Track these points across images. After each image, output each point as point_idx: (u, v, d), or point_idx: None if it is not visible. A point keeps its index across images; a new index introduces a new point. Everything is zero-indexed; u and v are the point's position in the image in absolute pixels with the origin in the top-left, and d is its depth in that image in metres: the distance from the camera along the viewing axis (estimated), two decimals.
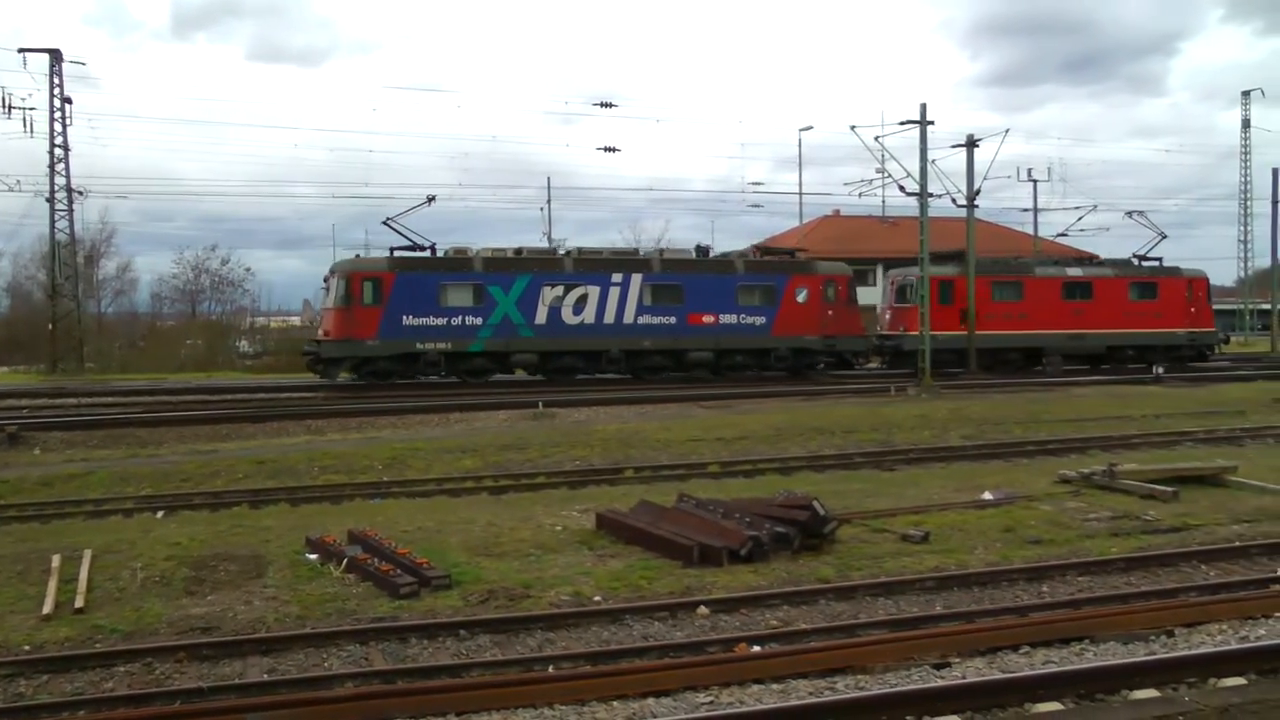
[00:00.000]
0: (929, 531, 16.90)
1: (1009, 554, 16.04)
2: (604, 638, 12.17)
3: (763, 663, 10.51)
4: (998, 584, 14.52)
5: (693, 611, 12.99)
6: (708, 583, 14.16)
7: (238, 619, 12.68)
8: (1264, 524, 18.48)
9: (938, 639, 11.24)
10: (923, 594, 14.04)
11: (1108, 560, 15.64)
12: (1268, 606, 12.61)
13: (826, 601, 13.59)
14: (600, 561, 15.38)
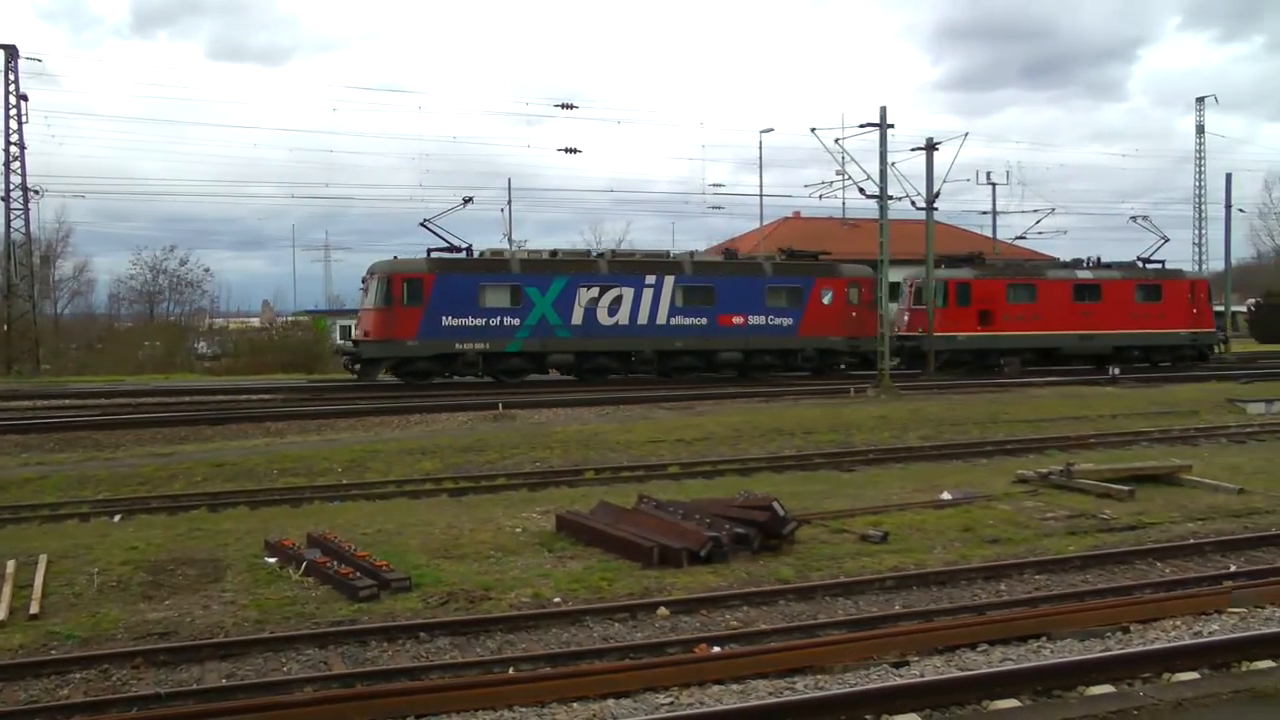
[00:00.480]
0: (888, 531, 16.98)
1: (967, 553, 16.16)
2: (564, 639, 12.18)
3: (723, 663, 10.54)
4: (956, 583, 14.62)
5: (653, 612, 13.01)
6: (667, 584, 14.19)
7: (196, 623, 12.61)
8: (1217, 521, 18.72)
9: (897, 638, 11.30)
10: (882, 593, 14.12)
11: (1065, 558, 15.79)
12: (1221, 602, 12.78)
13: (786, 602, 13.64)
14: (560, 563, 15.38)
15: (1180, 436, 30.06)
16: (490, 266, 43.20)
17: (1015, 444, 27.94)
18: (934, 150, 47.84)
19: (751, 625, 12.63)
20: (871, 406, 34.07)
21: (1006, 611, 12.84)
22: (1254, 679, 9.25)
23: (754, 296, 45.56)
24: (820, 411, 32.65)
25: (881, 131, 42.83)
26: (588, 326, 43.09)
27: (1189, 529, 18.20)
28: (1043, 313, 49.15)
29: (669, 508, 17.09)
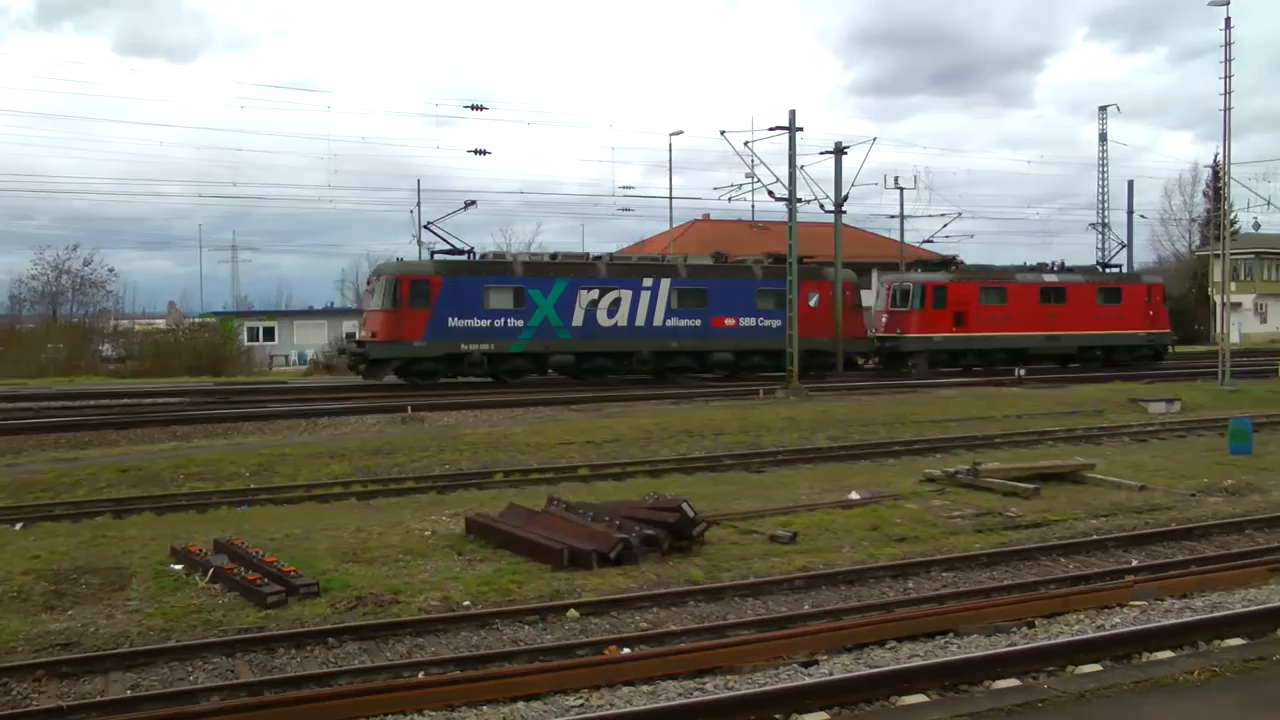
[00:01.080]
0: (797, 532, 17.11)
1: (875, 552, 16.32)
2: (473, 642, 12.17)
3: (633, 664, 10.58)
4: (864, 582, 14.79)
5: (562, 615, 13.04)
6: (577, 586, 14.21)
7: (99, 634, 12.43)
8: (1120, 518, 19.10)
9: (805, 637, 11.40)
10: (791, 593, 14.24)
11: (971, 556, 16.03)
12: (1123, 596, 13.06)
13: (696, 603, 13.72)
14: (469, 566, 15.35)
15: (1084, 436, 30.53)
16: (494, 269, 43.86)
17: (923, 444, 28.25)
18: (843, 154, 48.20)
19: (661, 626, 12.68)
20: (780, 408, 34.24)
21: (914, 609, 13.00)
22: (1154, 669, 9.46)
23: (745, 299, 46.73)
24: (730, 413, 32.77)
25: (791, 135, 43.07)
26: (588, 328, 43.92)
27: (1092, 525, 18.55)
28: (1013, 314, 51.04)
29: (579, 510, 17.12)
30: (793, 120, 43.06)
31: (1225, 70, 41.85)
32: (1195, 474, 23.55)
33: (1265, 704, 7.99)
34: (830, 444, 28.48)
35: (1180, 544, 17.39)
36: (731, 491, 21.24)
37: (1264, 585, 13.84)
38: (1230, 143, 43.56)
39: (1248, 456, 26.23)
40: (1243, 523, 18.77)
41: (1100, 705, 8.14)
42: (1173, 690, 8.51)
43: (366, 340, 42.39)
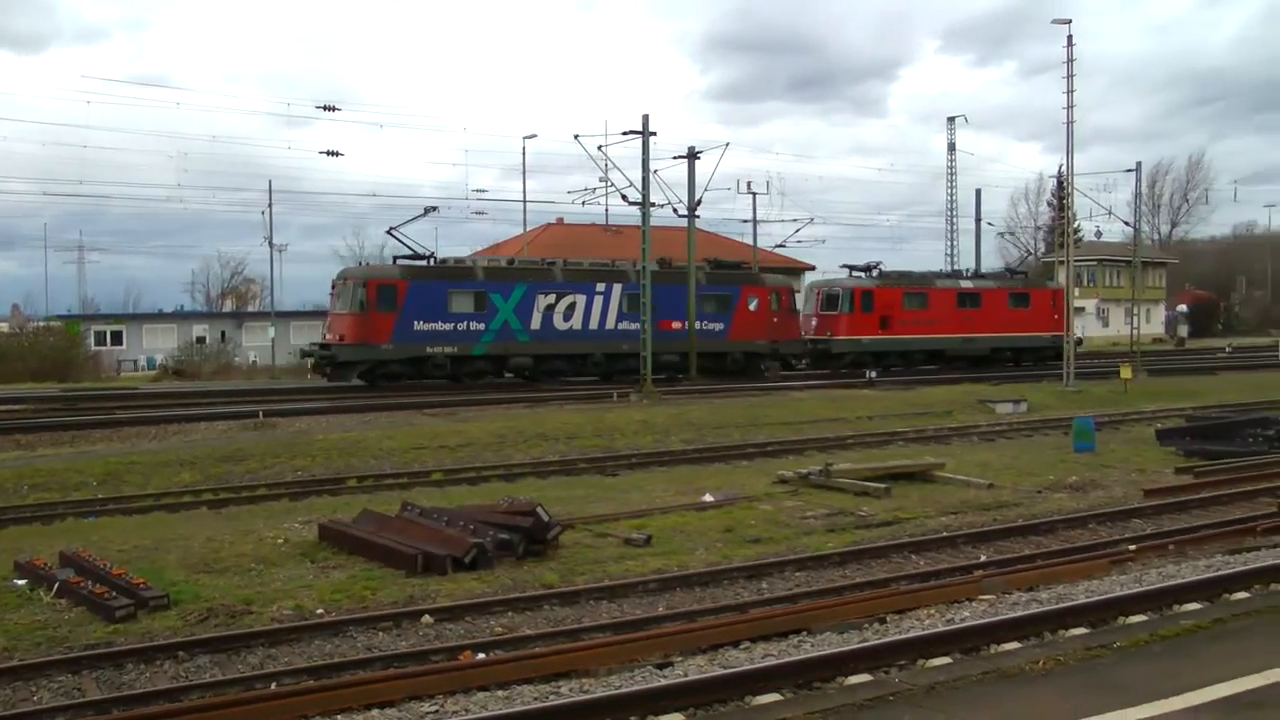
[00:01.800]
0: (651, 534, 17.19)
1: (729, 553, 16.44)
2: (327, 651, 12.03)
3: (487, 669, 10.56)
4: (719, 583, 14.89)
5: (417, 621, 12.95)
6: (432, 591, 14.13)
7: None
8: (969, 515, 19.53)
9: (660, 639, 11.45)
10: (646, 596, 14.29)
11: (824, 555, 16.23)
12: (972, 590, 13.34)
13: (551, 606, 13.71)
14: (323, 573, 15.18)
15: (934, 436, 31.12)
16: (457, 274, 44.86)
17: (776, 446, 28.54)
18: (696, 159, 48.44)
19: (516, 631, 12.64)
20: (634, 411, 34.36)
21: (768, 609, 13.12)
22: (1001, 660, 9.66)
23: (685, 303, 47.45)
24: (584, 417, 32.79)
25: (644, 139, 43.16)
26: (545, 331, 45.12)
27: (942, 523, 18.94)
28: (933, 318, 53.83)
29: (433, 515, 17.02)
30: (646, 125, 43.18)
31: (1068, 85, 43.92)
32: (1041, 472, 24.16)
33: (1106, 689, 8.21)
34: (684, 447, 28.64)
35: (1027, 539, 17.81)
36: (586, 495, 21.28)
37: (1106, 576, 14.24)
38: (1073, 154, 45.42)
39: (1091, 454, 26.96)
40: (1086, 517, 19.31)
41: (949, 696, 8.29)
42: (1018, 679, 8.71)
43: (334, 343, 42.81)
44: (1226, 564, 14.58)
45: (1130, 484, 23.03)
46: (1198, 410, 35.81)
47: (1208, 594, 12.53)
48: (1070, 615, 11.53)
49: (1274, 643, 9.62)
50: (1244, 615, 10.91)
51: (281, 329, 71.33)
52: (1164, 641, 9.86)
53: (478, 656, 11.36)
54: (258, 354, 71.84)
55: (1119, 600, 12.17)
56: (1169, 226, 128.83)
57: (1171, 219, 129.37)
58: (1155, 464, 26.03)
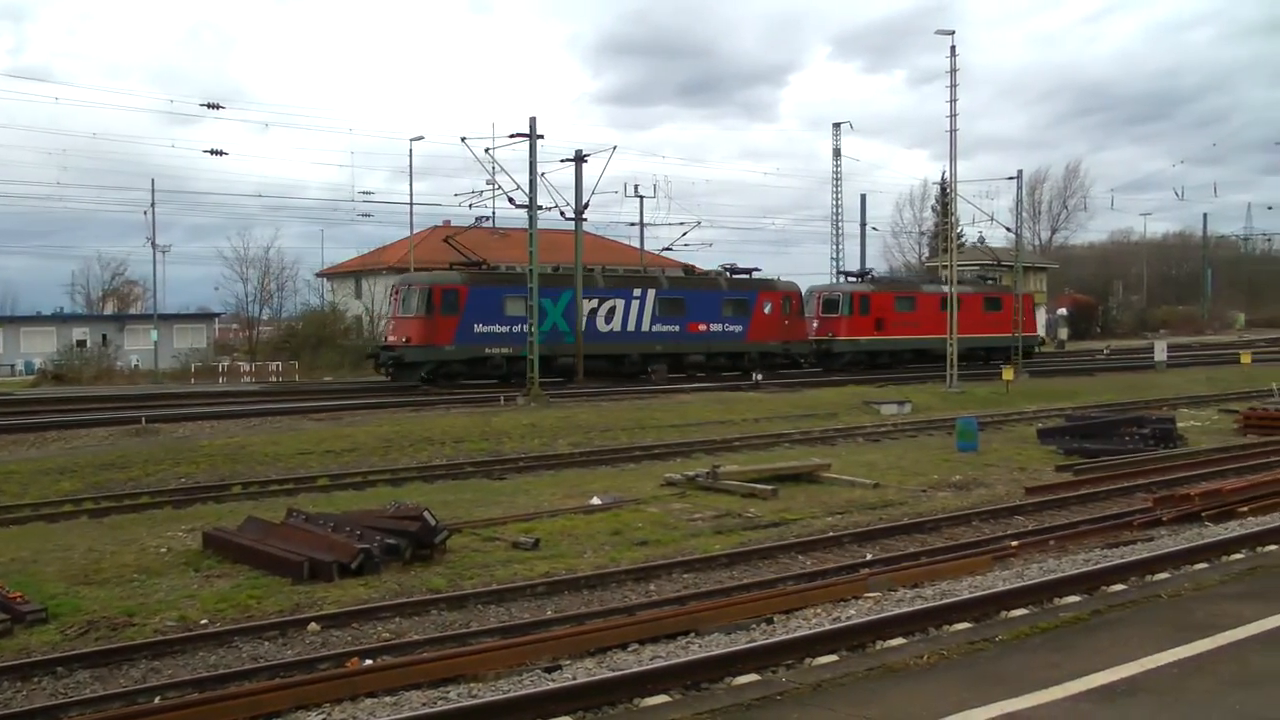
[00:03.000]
0: (539, 538, 17.19)
1: (617, 556, 16.49)
2: (211, 662, 11.87)
3: (375, 676, 10.48)
4: (607, 585, 14.94)
5: (303, 628, 12.83)
6: (318, 598, 14.02)
7: None
8: (854, 515, 19.76)
9: (548, 642, 11.45)
10: (534, 599, 14.28)
11: (712, 557, 16.33)
12: (858, 589, 13.49)
13: (439, 611, 13.66)
14: (207, 583, 14.98)
15: (820, 437, 31.39)
16: (511, 279, 47.10)
17: (663, 448, 28.63)
18: (583, 162, 48.44)
19: (404, 636, 12.58)
20: (521, 415, 34.25)
21: (656, 611, 13.17)
22: (887, 655, 9.79)
23: (713, 307, 51.70)
24: (471, 420, 32.65)
25: (531, 142, 43.03)
26: (589, 333, 47.74)
27: (828, 523, 19.14)
28: (920, 320, 56.85)
29: (319, 520, 16.87)
30: (533, 128, 43.06)
31: (951, 94, 45.29)
32: (925, 471, 24.51)
33: (988, 681, 8.34)
34: (572, 450, 28.62)
35: (912, 537, 18.08)
36: (474, 499, 21.21)
37: (988, 572, 14.52)
38: (956, 161, 46.69)
39: (974, 453, 27.41)
40: (969, 515, 19.65)
41: (835, 693, 8.38)
42: (903, 675, 8.82)
43: (400, 345, 45.06)
44: (1104, 558, 14.92)
45: (1012, 482, 23.48)
46: (1077, 410, 36.52)
47: (1086, 587, 12.82)
48: (954, 611, 11.73)
49: (1149, 632, 9.84)
50: (1120, 606, 11.16)
51: (164, 332, 70.28)
52: (1044, 634, 10.05)
53: (365, 663, 11.27)
54: (140, 358, 70.64)
55: (1001, 595, 12.41)
56: (1049, 232, 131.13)
57: (1052, 225, 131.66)
58: (1036, 462, 26.55)
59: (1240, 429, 32.93)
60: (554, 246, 53.65)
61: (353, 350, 64.49)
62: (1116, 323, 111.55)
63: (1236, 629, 9.83)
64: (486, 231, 71.63)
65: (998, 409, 38.86)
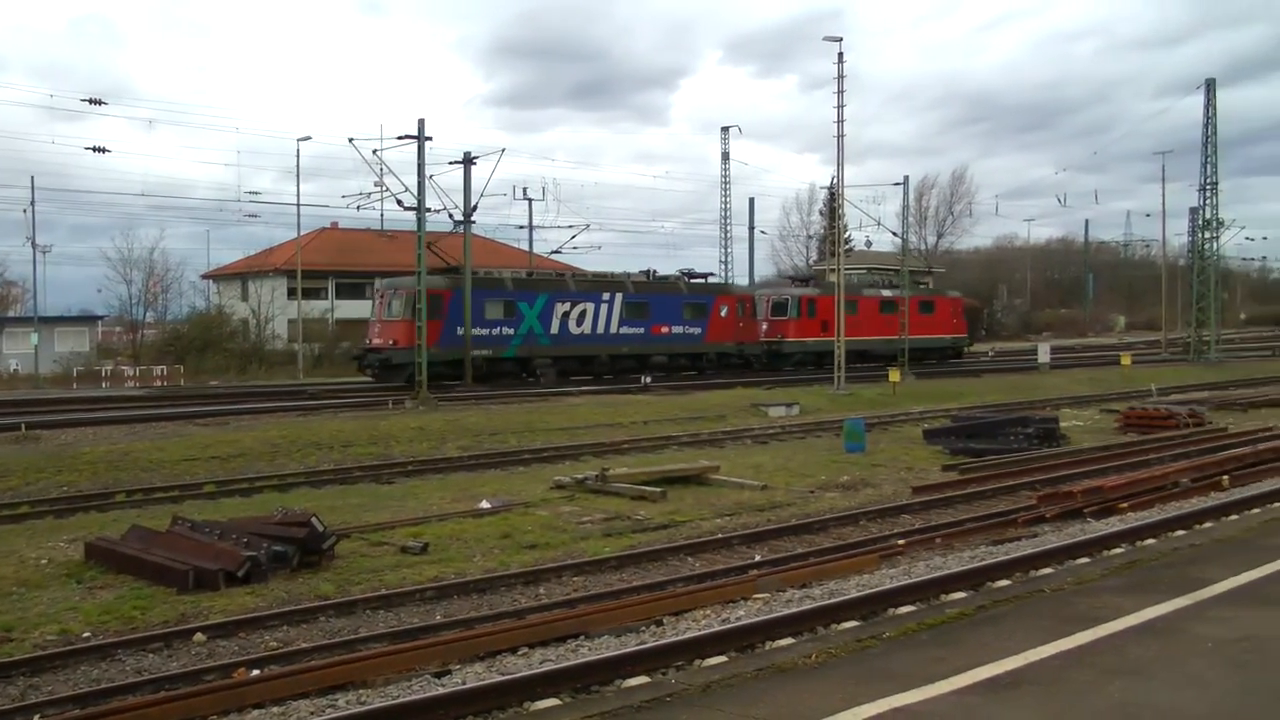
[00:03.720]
0: (428, 542, 17.11)
1: (507, 560, 16.45)
2: (94, 676, 11.58)
3: (262, 686, 10.33)
4: (496, 589, 14.89)
5: (189, 639, 12.62)
6: (204, 608, 13.80)
7: None
8: (743, 516, 19.86)
9: (438, 647, 11.37)
10: (423, 604, 14.20)
11: (601, 559, 16.35)
12: (747, 590, 13.57)
13: (327, 618, 13.51)
14: (90, 594, 14.69)
15: (709, 439, 31.52)
16: (491, 284, 49.25)
17: (552, 451, 28.60)
18: (472, 164, 48.30)
19: (292, 645, 12.43)
20: (410, 418, 34.05)
21: (546, 614, 13.14)
22: (775, 655, 9.85)
23: (675, 310, 54.68)
24: (359, 424, 32.40)
25: (419, 144, 42.80)
26: (562, 335, 50.45)
27: (717, 524, 19.22)
28: (862, 322, 59.63)
29: (205, 528, 16.62)
30: (421, 129, 42.84)
31: (839, 100, 46.23)
32: (813, 472, 24.73)
33: (876, 678, 8.43)
34: (461, 453, 28.51)
35: (800, 537, 18.22)
36: (362, 503, 21.06)
37: (876, 571, 14.69)
38: (844, 166, 47.46)
39: (861, 454, 27.71)
40: (857, 515, 19.86)
41: (724, 694, 8.41)
42: (792, 674, 8.88)
43: (387, 348, 46.36)
44: (990, 554, 15.19)
45: (899, 482, 23.76)
46: (963, 410, 37.10)
47: (972, 583, 13.03)
48: (842, 609, 11.85)
49: (1032, 625, 10.01)
50: (1005, 601, 11.34)
51: (45, 335, 68.60)
52: (931, 630, 10.17)
53: (252, 673, 11.11)
54: (20, 362, 68.97)
55: (889, 593, 12.56)
56: (935, 237, 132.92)
57: (938, 230, 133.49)
58: (923, 462, 26.90)
59: (1121, 428, 33.70)
60: (443, 249, 53.48)
61: (239, 354, 63.75)
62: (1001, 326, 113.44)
63: (1116, 620, 10.05)
64: (375, 233, 71.30)
65: (885, 410, 39.32)
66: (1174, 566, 12.72)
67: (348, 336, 67.86)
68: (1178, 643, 9.41)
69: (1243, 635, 9.55)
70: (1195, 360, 67.91)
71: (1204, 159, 67.25)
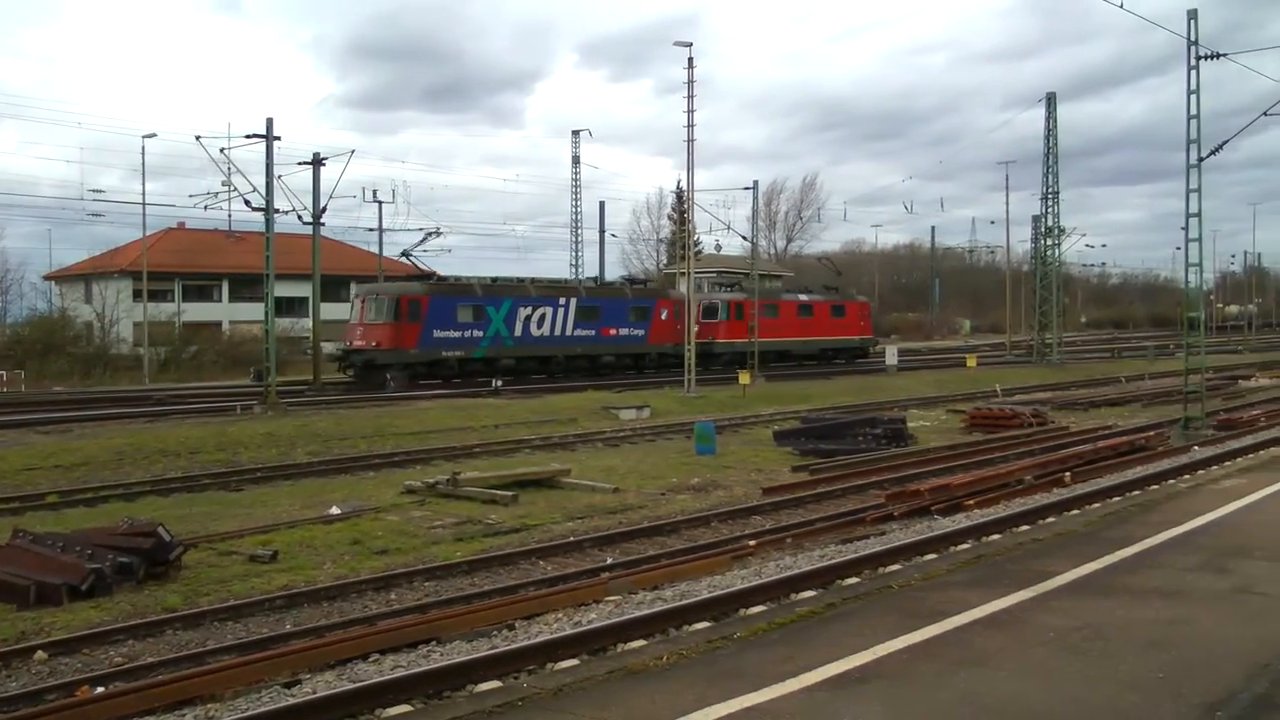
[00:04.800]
0: (278, 550, 16.92)
1: (357, 566, 16.34)
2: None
3: (107, 704, 10.11)
4: (347, 596, 14.79)
5: (29, 658, 12.27)
6: (46, 624, 13.46)
7: None
8: (594, 519, 19.93)
9: (288, 657, 11.25)
10: (272, 613, 14.04)
11: (453, 564, 16.33)
12: (598, 593, 13.63)
13: (174, 631, 13.28)
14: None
15: (560, 443, 31.51)
16: (462, 290, 52.71)
17: (403, 456, 28.39)
18: (321, 165, 47.90)
19: (138, 659, 12.18)
20: (258, 424, 33.56)
21: (397, 620, 13.09)
22: (627, 658, 9.89)
23: (622, 313, 58.14)
24: (206, 431, 31.85)
25: (268, 143, 42.28)
26: (524, 337, 53.78)
27: (569, 528, 19.27)
28: (782, 325, 64.54)
29: (47, 541, 16.19)
30: (270, 128, 42.35)
31: (689, 105, 46.61)
32: (664, 475, 24.89)
33: (727, 678, 8.51)
34: (311, 459, 28.16)
35: (652, 540, 18.33)
36: (210, 512, 20.72)
37: (727, 572, 14.84)
38: (694, 170, 48.04)
39: (712, 456, 27.94)
40: (708, 517, 20.02)
41: (576, 697, 8.43)
42: (644, 676, 8.93)
43: (369, 349, 49.26)
44: (839, 553, 15.44)
45: (750, 483, 24.00)
46: (812, 412, 37.50)
47: (822, 582, 13.26)
48: (693, 611, 11.96)
49: (881, 621, 10.18)
50: (854, 599, 11.51)
51: None
52: (781, 629, 10.29)
53: (96, 691, 10.87)
54: None
55: (740, 593, 12.71)
56: (785, 241, 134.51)
57: (787, 235, 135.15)
58: (773, 463, 27.21)
59: (966, 428, 34.45)
60: (291, 251, 53.07)
61: (83, 358, 62.18)
62: None
63: (962, 614, 10.28)
64: (222, 234, 70.15)
65: (735, 413, 39.66)
66: (1018, 560, 13.01)
67: (195, 340, 66.69)
68: (1021, 633, 9.66)
69: (1083, 624, 9.84)
70: (1038, 362, 69.77)
71: (1045, 169, 69.14)
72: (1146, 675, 8.42)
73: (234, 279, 77.95)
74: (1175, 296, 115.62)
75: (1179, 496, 17.82)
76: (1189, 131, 30.21)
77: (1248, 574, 11.72)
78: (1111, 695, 7.97)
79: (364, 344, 49.65)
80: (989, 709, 7.77)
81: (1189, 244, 31.14)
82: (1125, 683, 8.25)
